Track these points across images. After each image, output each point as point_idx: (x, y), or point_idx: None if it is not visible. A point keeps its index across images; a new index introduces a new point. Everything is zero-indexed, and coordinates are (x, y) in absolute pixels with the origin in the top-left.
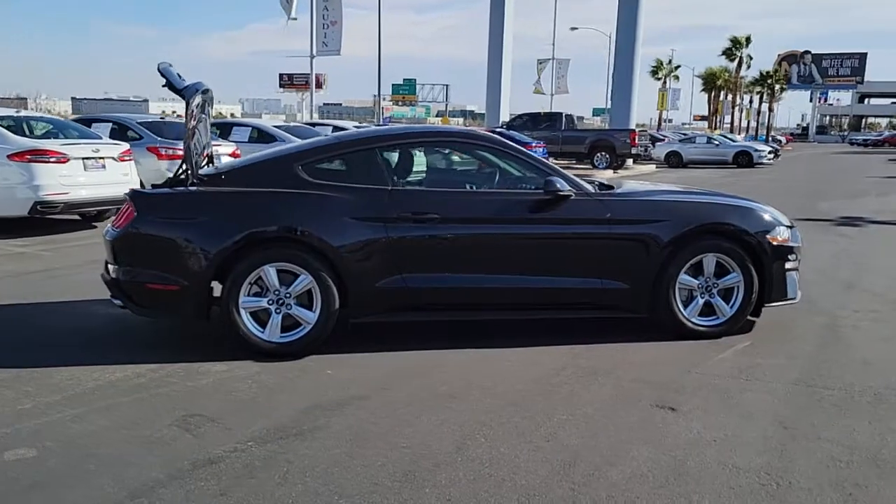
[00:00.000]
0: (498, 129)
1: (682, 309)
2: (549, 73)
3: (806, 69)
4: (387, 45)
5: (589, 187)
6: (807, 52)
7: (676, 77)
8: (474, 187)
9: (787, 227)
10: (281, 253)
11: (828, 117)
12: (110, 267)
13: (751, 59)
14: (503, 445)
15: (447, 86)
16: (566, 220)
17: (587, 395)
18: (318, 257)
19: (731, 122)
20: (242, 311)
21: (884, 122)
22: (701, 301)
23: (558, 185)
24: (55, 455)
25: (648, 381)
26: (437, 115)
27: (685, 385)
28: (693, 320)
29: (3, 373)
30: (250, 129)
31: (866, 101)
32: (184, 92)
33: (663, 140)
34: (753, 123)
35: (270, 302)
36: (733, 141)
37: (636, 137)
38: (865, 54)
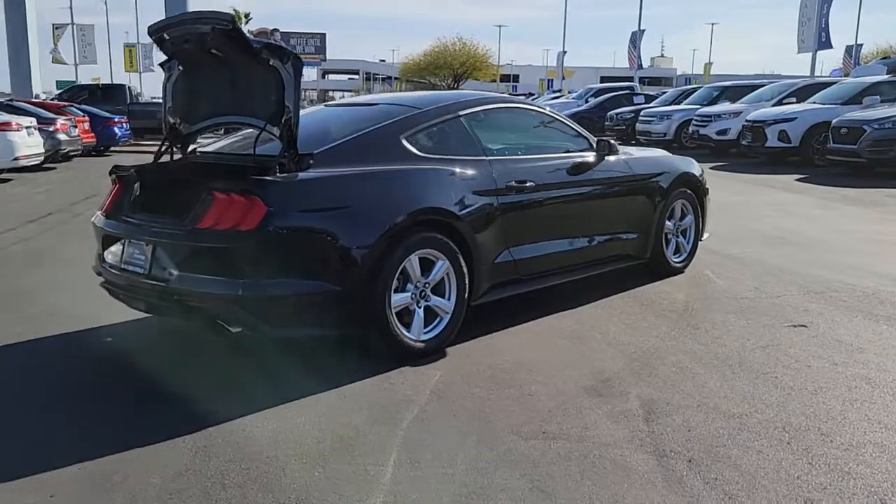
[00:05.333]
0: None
1: (665, 250)
2: (71, 39)
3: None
4: None
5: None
6: (276, 29)
7: None
8: (537, 153)
9: None
10: (425, 238)
11: (302, 91)
12: (209, 281)
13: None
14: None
15: None
16: (613, 180)
17: (731, 331)
18: (455, 239)
19: None
20: (392, 310)
21: (342, 94)
22: (674, 242)
23: (613, 143)
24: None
25: (736, 312)
26: None
27: (767, 308)
28: (674, 259)
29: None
30: None
31: (327, 76)
32: (272, 51)
33: None
34: None
35: (413, 296)
36: None
37: None
38: (325, 35)
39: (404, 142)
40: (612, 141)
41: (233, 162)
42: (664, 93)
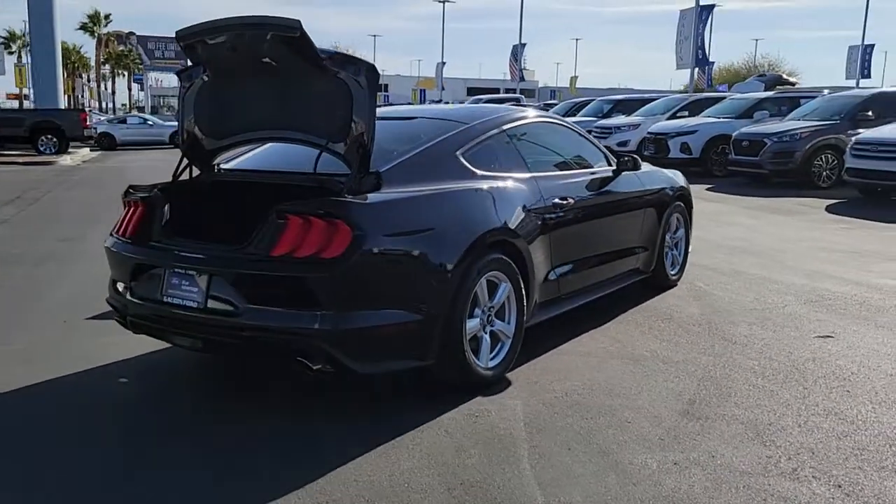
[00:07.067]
0: None
1: (665, 263)
2: None
3: (134, 50)
4: None
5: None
6: (131, 33)
7: None
8: (569, 168)
9: None
10: (493, 260)
11: (159, 98)
12: (286, 314)
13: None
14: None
15: None
16: (633, 195)
17: (769, 344)
18: (516, 259)
19: (100, 103)
20: (466, 338)
21: None
22: (671, 255)
23: (637, 158)
24: None
25: (757, 324)
26: None
27: (782, 319)
28: (671, 272)
29: None
30: None
31: None
32: (340, 62)
33: None
34: (105, 103)
35: (481, 322)
36: (165, 122)
37: (87, 118)
38: None
39: (461, 158)
40: (636, 157)
41: (284, 181)
42: (553, 104)
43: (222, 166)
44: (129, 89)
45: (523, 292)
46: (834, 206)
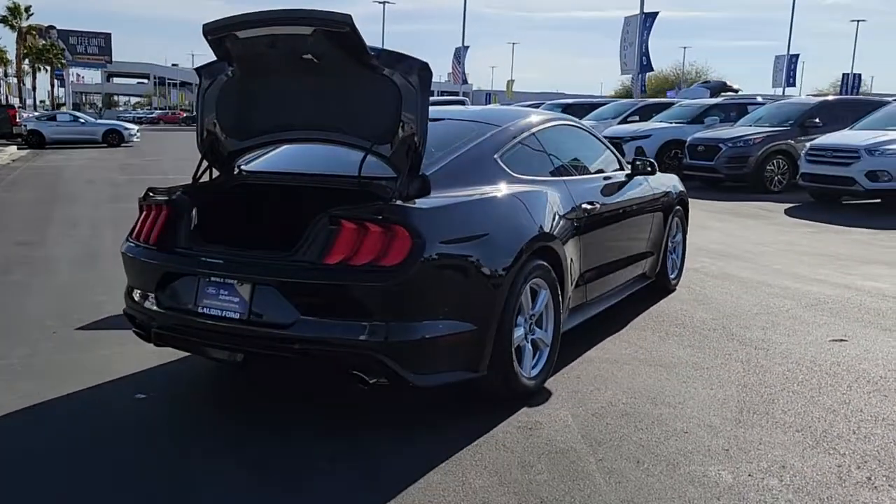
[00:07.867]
0: None
1: (667, 268)
2: None
3: (56, 44)
4: None
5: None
6: (52, 27)
7: None
8: (589, 172)
9: None
10: (536, 267)
11: (81, 94)
12: (342, 326)
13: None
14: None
15: None
16: (645, 199)
17: (789, 349)
18: (555, 265)
19: (21, 99)
20: (513, 347)
21: (127, 99)
22: (671, 259)
23: (654, 162)
24: None
25: (770, 329)
26: None
27: (792, 324)
28: (671, 277)
29: None
30: None
31: (112, 79)
32: (390, 60)
33: None
34: (25, 99)
35: (524, 330)
36: (96, 119)
37: (16, 115)
38: (110, 34)
39: (499, 161)
40: (653, 161)
41: (318, 183)
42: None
43: (243, 168)
44: (52, 85)
45: (560, 299)
46: (791, 210)
